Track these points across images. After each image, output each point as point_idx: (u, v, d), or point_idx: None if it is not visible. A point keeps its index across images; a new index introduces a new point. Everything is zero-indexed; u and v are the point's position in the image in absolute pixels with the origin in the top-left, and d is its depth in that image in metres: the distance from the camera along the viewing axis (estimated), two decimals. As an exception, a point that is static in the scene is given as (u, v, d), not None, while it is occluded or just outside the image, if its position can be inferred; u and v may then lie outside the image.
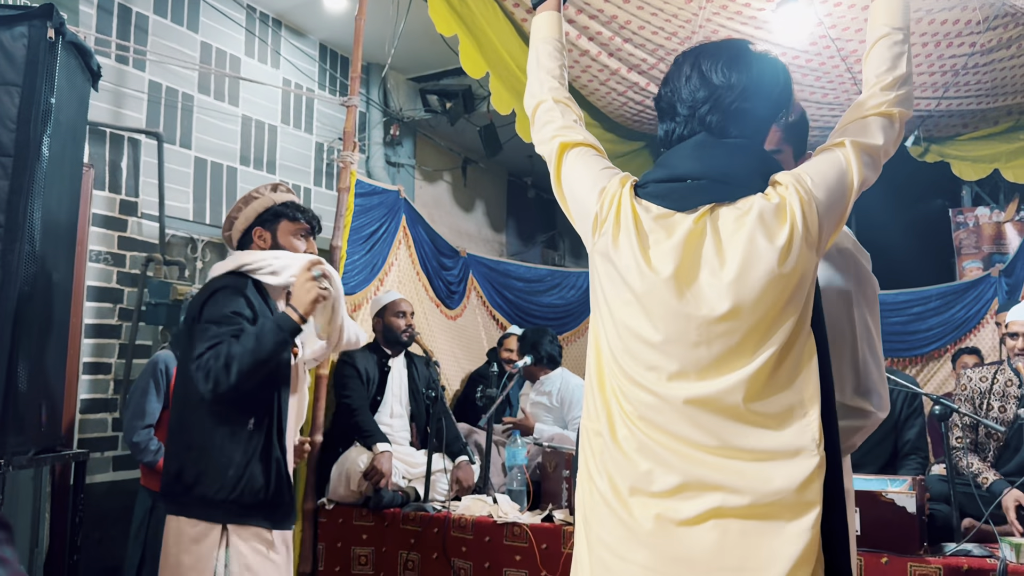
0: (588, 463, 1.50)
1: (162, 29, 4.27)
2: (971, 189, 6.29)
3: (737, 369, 1.37)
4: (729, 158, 1.45)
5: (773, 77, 1.50)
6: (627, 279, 1.45)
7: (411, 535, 3.49)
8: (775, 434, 1.36)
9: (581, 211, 1.56)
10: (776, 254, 1.36)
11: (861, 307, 1.64)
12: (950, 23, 3.97)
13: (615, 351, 1.47)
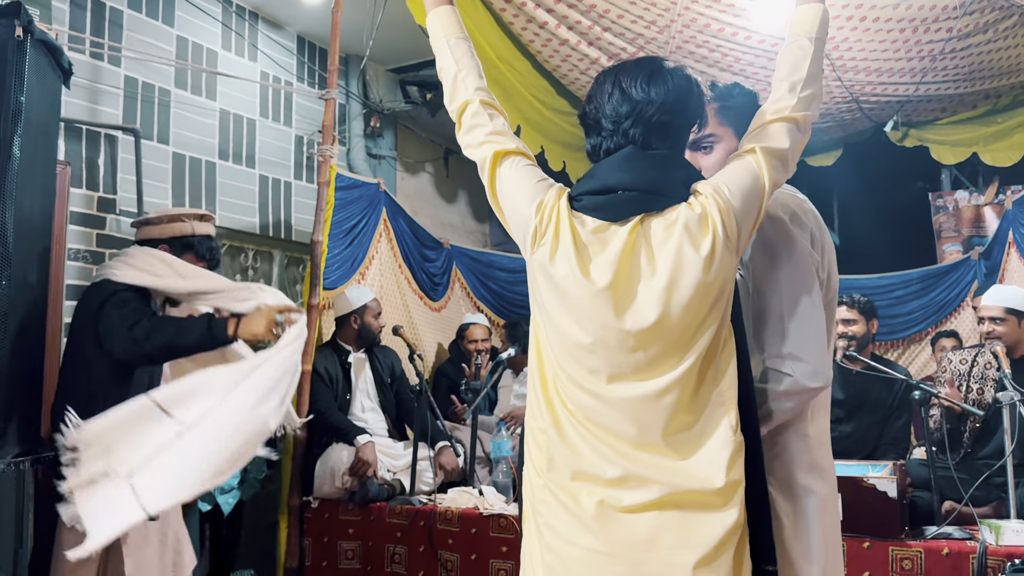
0: (533, 457, 1.60)
1: (137, 24, 4.22)
2: (950, 173, 6.32)
3: (671, 370, 1.49)
4: (655, 170, 1.54)
5: (687, 90, 1.59)
6: (565, 289, 1.53)
7: (397, 528, 3.50)
8: (702, 425, 1.50)
9: (518, 222, 1.62)
10: (702, 263, 1.47)
11: (789, 274, 1.67)
12: (927, 8, 3.98)
13: (557, 355, 1.57)
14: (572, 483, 1.51)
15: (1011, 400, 2.94)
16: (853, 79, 4.61)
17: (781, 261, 1.68)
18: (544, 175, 1.66)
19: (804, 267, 1.67)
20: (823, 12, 1.67)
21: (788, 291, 1.66)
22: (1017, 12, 4.05)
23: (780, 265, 1.68)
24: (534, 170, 1.66)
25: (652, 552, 1.46)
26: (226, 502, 3.76)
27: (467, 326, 4.94)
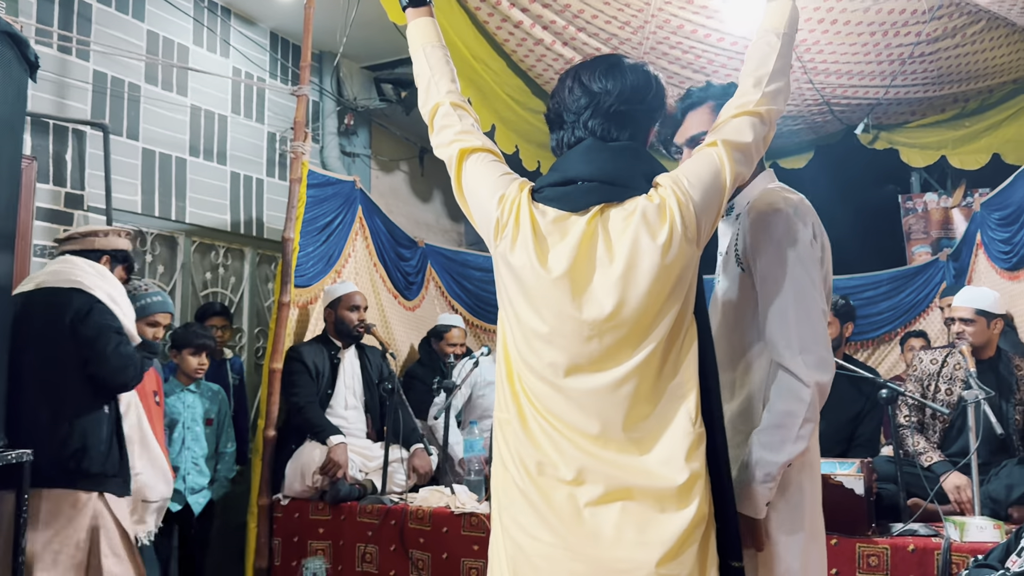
0: (501, 451, 1.60)
1: (106, 18, 4.16)
2: (920, 175, 6.40)
3: (627, 360, 1.50)
4: (615, 160, 1.57)
5: (646, 83, 1.63)
6: (524, 279, 1.55)
7: (368, 527, 3.48)
8: (660, 416, 1.50)
9: (483, 216, 1.64)
10: (658, 251, 1.48)
11: (794, 265, 1.66)
12: (896, 12, 4.03)
13: (519, 348, 1.58)
14: (538, 478, 1.52)
15: (975, 399, 2.98)
16: (824, 81, 4.66)
17: (786, 252, 1.67)
18: (508, 170, 1.67)
19: (808, 259, 1.67)
20: (792, 9, 1.68)
21: (794, 281, 1.65)
22: (984, 17, 4.11)
23: (786, 256, 1.67)
24: (498, 165, 1.68)
25: (615, 549, 1.46)
26: (196, 502, 3.72)
27: (447, 328, 4.91)
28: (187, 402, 3.76)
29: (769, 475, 1.61)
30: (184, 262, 4.56)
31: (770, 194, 1.75)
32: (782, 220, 1.68)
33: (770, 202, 1.71)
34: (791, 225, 1.68)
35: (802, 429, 1.61)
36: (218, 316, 4.27)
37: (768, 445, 1.62)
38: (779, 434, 1.61)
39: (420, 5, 1.88)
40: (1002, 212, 4.35)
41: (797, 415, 1.61)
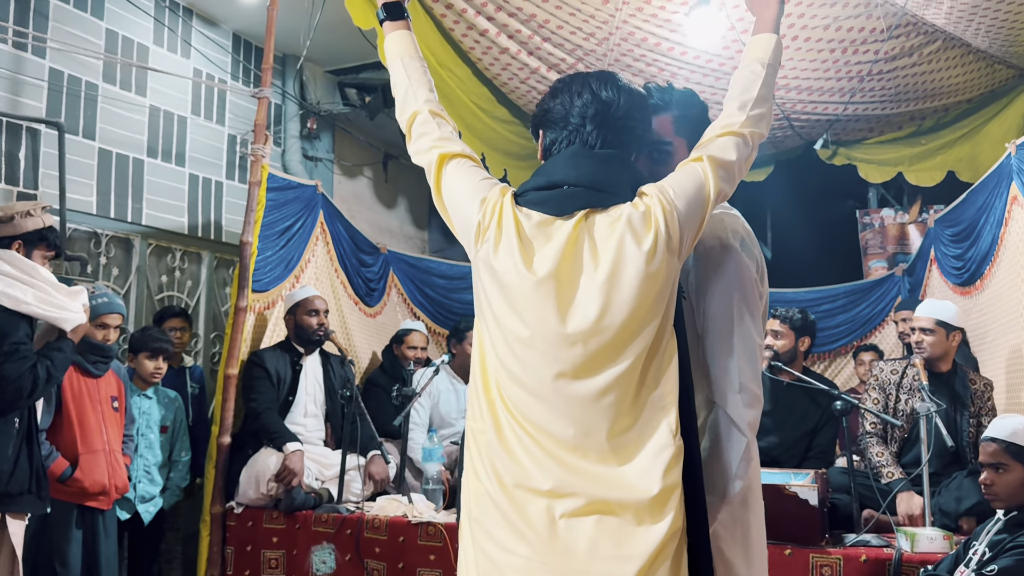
0: (474, 461, 1.58)
1: (64, 15, 4.08)
2: (877, 191, 6.52)
3: (611, 367, 1.49)
4: (601, 167, 1.58)
5: (646, 102, 1.69)
6: (507, 282, 1.54)
7: (324, 537, 3.43)
8: (641, 428, 1.49)
9: (462, 221, 1.63)
10: (643, 258, 1.49)
11: (739, 302, 1.70)
12: (856, 30, 4.10)
13: (500, 354, 1.56)
14: (513, 490, 1.49)
15: (927, 411, 3.03)
16: (785, 97, 4.73)
17: (734, 294, 1.70)
18: (488, 175, 1.67)
19: (752, 297, 1.71)
20: (776, 41, 1.73)
21: (740, 323, 1.68)
22: (941, 37, 4.21)
23: (734, 298, 1.69)
24: (478, 170, 1.68)
25: (590, 563, 1.44)
26: (146, 511, 3.64)
27: (407, 332, 4.86)
28: (142, 408, 3.68)
29: (710, 511, 1.61)
30: (139, 265, 4.48)
31: (717, 226, 1.73)
32: (732, 261, 1.71)
33: (719, 237, 1.71)
34: (739, 265, 1.71)
35: (739, 469, 1.65)
36: (176, 318, 4.19)
37: (710, 486, 1.63)
38: (717, 469, 1.66)
39: (397, 19, 1.89)
40: (955, 229, 4.45)
41: (733, 456, 1.65)
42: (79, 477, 3.11)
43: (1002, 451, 2.44)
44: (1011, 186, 3.61)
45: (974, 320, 4.16)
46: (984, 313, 4.04)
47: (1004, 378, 3.76)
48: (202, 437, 4.04)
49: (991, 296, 3.94)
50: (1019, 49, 4.38)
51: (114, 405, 3.35)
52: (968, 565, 2.40)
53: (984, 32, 4.17)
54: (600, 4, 4.03)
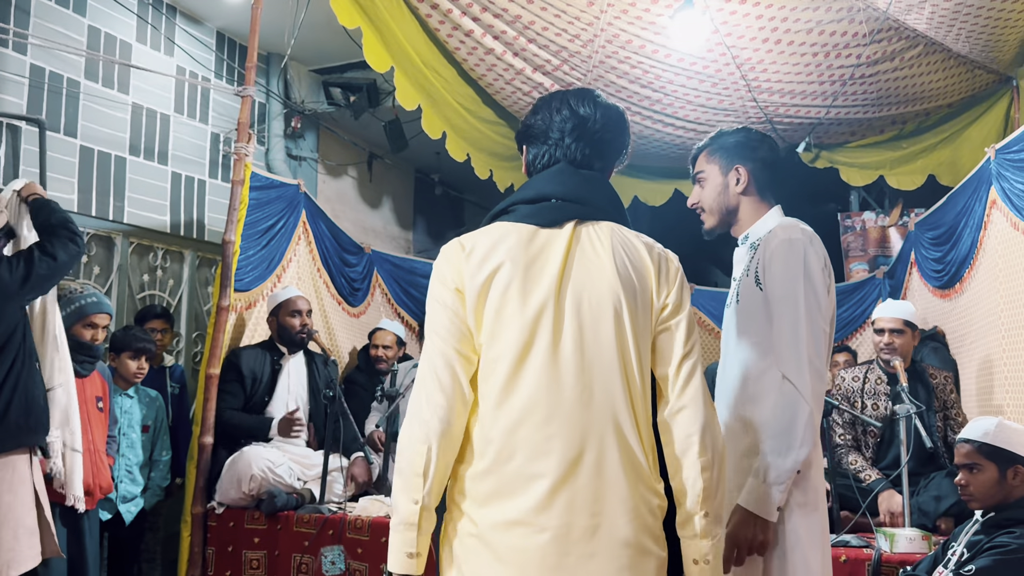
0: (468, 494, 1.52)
1: (45, 11, 4.05)
2: (859, 194, 6.57)
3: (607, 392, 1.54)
4: (586, 184, 1.64)
5: (623, 118, 1.73)
6: (506, 301, 1.52)
7: (305, 537, 3.42)
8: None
9: (472, 305, 1.53)
10: (641, 275, 1.57)
11: (808, 291, 1.88)
12: (838, 35, 4.14)
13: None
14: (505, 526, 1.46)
15: (907, 413, 3.06)
16: (768, 100, 4.76)
17: (800, 278, 1.88)
18: (442, 292, 1.56)
19: (819, 285, 1.89)
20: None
21: (806, 304, 1.86)
22: (922, 42, 4.25)
23: (800, 281, 1.88)
24: (438, 293, 1.57)
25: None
26: (127, 511, 3.61)
27: (375, 331, 4.86)
28: (124, 407, 3.66)
29: (779, 477, 1.79)
30: (121, 263, 4.44)
31: (789, 228, 1.96)
32: (799, 249, 1.90)
33: (789, 234, 1.93)
34: (807, 255, 1.90)
35: (804, 435, 1.80)
36: (158, 319, 4.16)
37: (776, 450, 1.81)
38: (785, 440, 1.80)
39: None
40: (935, 232, 4.49)
41: (800, 422, 1.81)
42: (62, 477, 3.08)
43: (975, 451, 2.47)
44: (990, 190, 3.65)
45: (953, 323, 4.20)
46: (963, 316, 4.08)
47: (981, 380, 3.80)
48: (182, 437, 4.02)
49: (970, 299, 3.99)
50: (999, 54, 4.43)
51: (99, 405, 3.32)
52: (947, 566, 2.42)
53: (965, 37, 4.22)
54: (585, 6, 4.05)
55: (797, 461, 1.80)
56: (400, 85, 4.08)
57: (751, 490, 1.81)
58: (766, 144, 2.11)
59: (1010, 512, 2.39)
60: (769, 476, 1.79)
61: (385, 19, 3.89)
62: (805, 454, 1.81)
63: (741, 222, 2.10)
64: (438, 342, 1.52)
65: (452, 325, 1.52)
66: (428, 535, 1.48)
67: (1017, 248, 3.42)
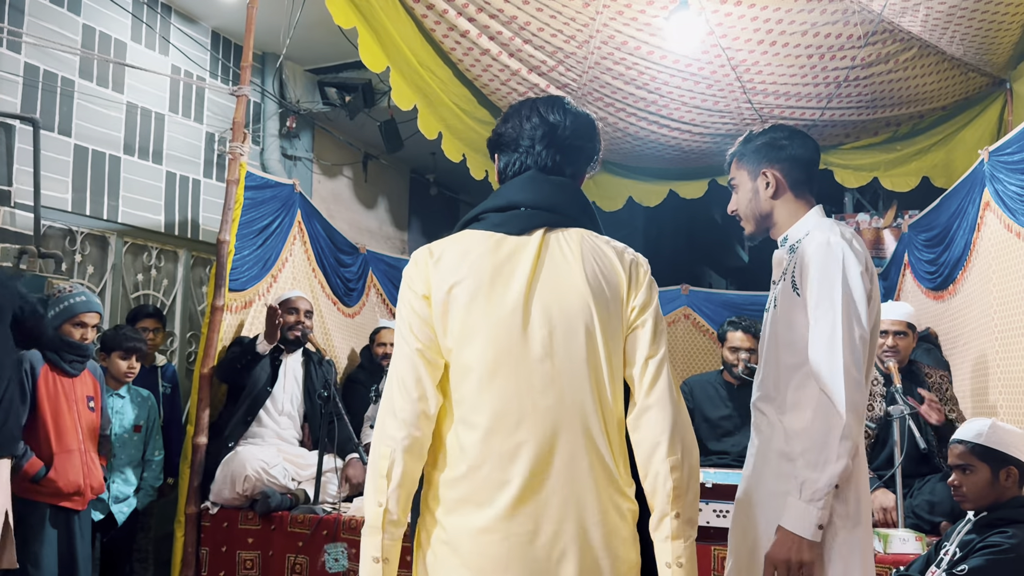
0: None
1: (40, 10, 4.04)
2: (853, 196, 6.59)
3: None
4: (556, 192, 1.65)
5: (591, 124, 1.74)
6: (477, 310, 1.53)
7: (299, 538, 3.41)
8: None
9: (440, 312, 1.54)
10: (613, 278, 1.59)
11: (846, 296, 1.83)
12: (833, 36, 4.15)
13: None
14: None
15: (901, 413, 3.07)
16: (762, 102, 4.77)
17: (838, 283, 1.81)
18: (410, 284, 1.58)
19: (858, 290, 1.82)
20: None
21: (845, 310, 1.80)
22: (917, 45, 4.26)
23: (838, 287, 1.81)
24: (407, 298, 1.58)
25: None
26: (120, 511, 3.60)
27: (379, 329, 4.87)
28: (116, 407, 3.65)
29: (816, 494, 1.73)
30: (115, 263, 4.43)
31: (828, 229, 1.90)
32: (837, 252, 1.83)
33: (827, 236, 1.87)
34: (846, 259, 1.83)
35: (840, 448, 1.73)
36: (150, 318, 4.15)
37: (812, 464, 1.74)
38: (820, 454, 1.74)
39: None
40: (928, 234, 4.50)
41: (835, 435, 1.73)
42: (53, 477, 3.08)
43: (968, 452, 2.47)
44: (983, 192, 3.66)
45: (946, 324, 4.21)
46: (956, 317, 4.09)
47: (974, 381, 3.81)
48: (174, 436, 4.01)
49: (963, 300, 4.00)
50: (993, 57, 4.45)
51: (90, 405, 3.31)
52: (939, 565, 2.43)
53: (959, 40, 4.23)
54: (581, 7, 4.05)
55: (833, 476, 1.73)
56: (396, 85, 4.08)
57: (789, 508, 1.75)
58: (796, 140, 2.03)
59: (1003, 512, 2.39)
60: (804, 493, 1.73)
61: (381, 19, 3.89)
62: (841, 468, 1.73)
63: (779, 225, 2.04)
64: (405, 348, 1.54)
65: (419, 331, 1.54)
66: (396, 541, 1.49)
67: (1010, 250, 3.43)
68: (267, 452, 3.64)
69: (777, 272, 2.05)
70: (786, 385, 1.89)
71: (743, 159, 2.06)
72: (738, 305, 5.83)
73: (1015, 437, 2.47)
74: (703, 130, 5.08)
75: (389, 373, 1.56)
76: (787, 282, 1.94)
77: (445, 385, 1.54)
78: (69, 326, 3.19)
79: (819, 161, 2.07)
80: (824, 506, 1.72)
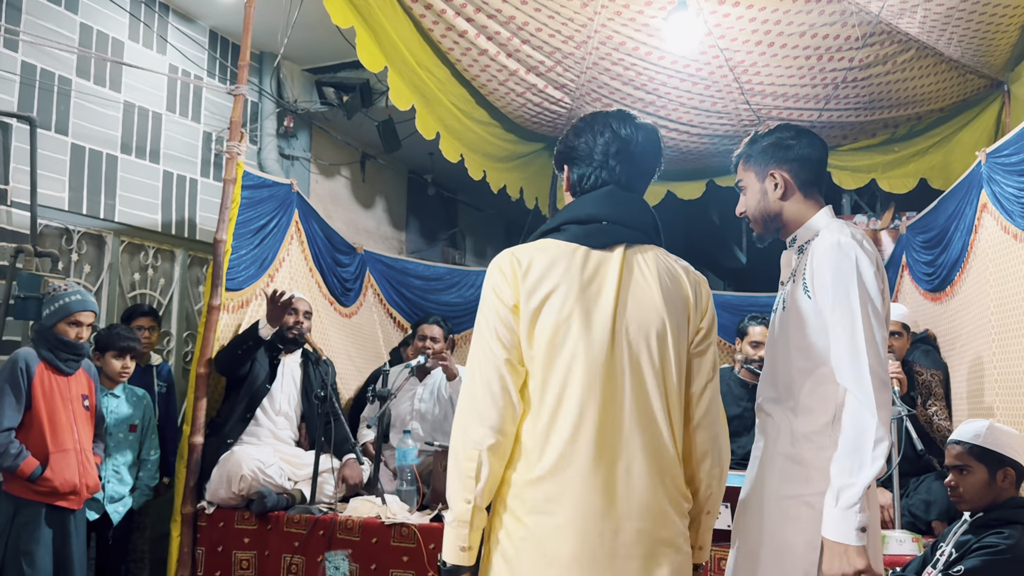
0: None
1: (37, 8, 4.03)
2: (851, 197, 6.60)
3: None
4: (633, 209, 1.75)
5: (659, 138, 1.82)
6: (572, 326, 1.62)
7: (296, 538, 3.41)
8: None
9: (528, 315, 1.65)
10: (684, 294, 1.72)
11: (864, 297, 1.80)
12: (831, 38, 4.15)
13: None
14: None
15: (898, 414, 3.07)
16: (761, 103, 4.77)
17: (854, 285, 1.80)
18: (496, 295, 1.66)
19: (873, 290, 1.80)
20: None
21: (863, 312, 1.78)
22: (914, 46, 4.26)
23: (854, 289, 1.79)
24: (495, 305, 1.66)
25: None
26: (115, 511, 3.59)
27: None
28: (111, 407, 3.64)
29: (852, 499, 1.70)
30: (112, 262, 4.42)
31: (838, 230, 1.88)
32: (851, 253, 1.82)
33: (838, 237, 1.85)
34: (860, 259, 1.81)
35: (876, 450, 1.71)
36: (145, 317, 4.14)
37: (847, 470, 1.72)
38: (856, 458, 1.71)
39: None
40: (926, 235, 4.50)
41: (868, 437, 1.71)
42: (49, 476, 3.07)
43: (965, 453, 2.48)
44: (981, 194, 3.66)
45: (944, 326, 4.22)
46: (953, 319, 4.09)
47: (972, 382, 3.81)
48: (170, 436, 4.00)
49: (961, 302, 4.00)
50: (990, 59, 4.45)
51: (85, 404, 3.31)
52: (935, 566, 2.43)
53: (957, 42, 4.24)
54: (579, 7, 4.05)
55: (870, 476, 1.70)
56: (394, 85, 4.07)
57: (829, 519, 1.73)
58: (803, 140, 2.01)
59: (999, 513, 2.39)
60: (842, 499, 1.71)
61: (379, 19, 3.89)
62: (879, 468, 1.71)
63: (788, 225, 2.02)
64: (491, 355, 1.64)
65: (507, 340, 1.64)
66: (479, 531, 1.64)
67: (1007, 252, 3.43)
68: (263, 452, 3.63)
69: (786, 273, 2.04)
70: (799, 389, 1.87)
71: (750, 160, 2.06)
72: (736, 306, 5.83)
73: (1012, 438, 2.48)
74: (701, 131, 5.08)
75: (472, 378, 1.64)
76: (797, 284, 1.92)
77: (525, 391, 1.64)
78: (64, 325, 3.18)
79: (827, 160, 2.05)
80: (861, 509, 1.70)
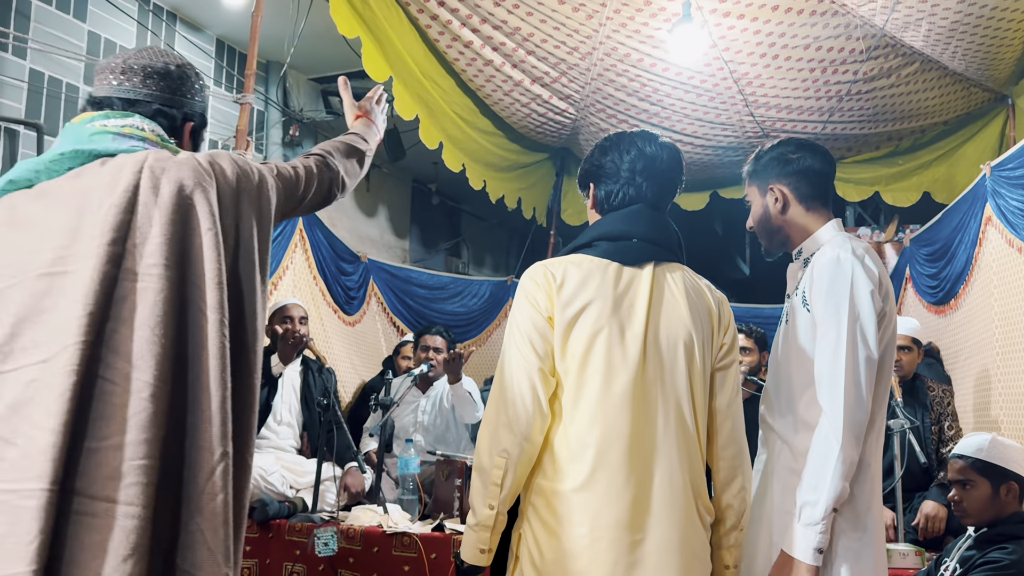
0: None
1: (46, 16, 4.06)
2: (855, 210, 6.59)
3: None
4: (662, 227, 1.81)
5: (681, 159, 1.88)
6: (607, 339, 1.67)
7: (297, 546, 3.40)
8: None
9: (563, 325, 1.69)
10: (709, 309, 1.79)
11: (853, 315, 1.78)
12: (835, 51, 4.16)
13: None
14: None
15: (901, 428, 3.06)
16: (764, 115, 4.78)
17: (846, 302, 1.77)
18: (532, 306, 1.70)
19: (866, 308, 1.76)
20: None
21: (850, 330, 1.74)
22: (919, 60, 4.27)
23: (845, 305, 1.76)
24: (530, 315, 1.70)
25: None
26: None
27: (406, 343, 4.78)
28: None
29: (813, 517, 1.68)
30: (117, 269, 4.43)
31: (840, 245, 1.85)
32: (847, 269, 1.79)
33: (838, 252, 1.83)
34: (856, 276, 1.78)
35: (835, 472, 1.68)
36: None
37: (809, 487, 1.71)
38: (816, 477, 1.70)
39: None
40: (930, 248, 4.51)
41: (832, 455, 1.69)
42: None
43: (968, 467, 2.46)
44: (985, 207, 3.67)
45: (947, 339, 4.21)
46: (957, 332, 4.09)
47: (976, 396, 3.80)
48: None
49: (964, 315, 3.99)
50: (995, 72, 4.46)
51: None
52: (938, 581, 2.42)
53: (961, 55, 4.25)
54: (584, 19, 4.07)
55: (830, 500, 1.67)
56: (398, 95, 4.09)
57: (789, 531, 1.72)
58: (805, 153, 1.99)
59: (1003, 528, 2.38)
60: (803, 516, 1.69)
61: (384, 29, 3.91)
62: (836, 493, 1.67)
63: (793, 238, 2.00)
64: (524, 364, 1.67)
65: (540, 349, 1.67)
66: (499, 534, 1.68)
67: (1012, 265, 3.43)
68: (265, 460, 3.63)
69: (791, 285, 2.02)
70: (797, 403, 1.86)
71: (753, 176, 2.07)
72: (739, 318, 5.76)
73: (1016, 452, 2.47)
74: (705, 142, 5.09)
75: (503, 385, 1.67)
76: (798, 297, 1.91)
77: (555, 401, 1.68)
78: None
79: (833, 173, 2.02)
80: (823, 530, 1.67)
